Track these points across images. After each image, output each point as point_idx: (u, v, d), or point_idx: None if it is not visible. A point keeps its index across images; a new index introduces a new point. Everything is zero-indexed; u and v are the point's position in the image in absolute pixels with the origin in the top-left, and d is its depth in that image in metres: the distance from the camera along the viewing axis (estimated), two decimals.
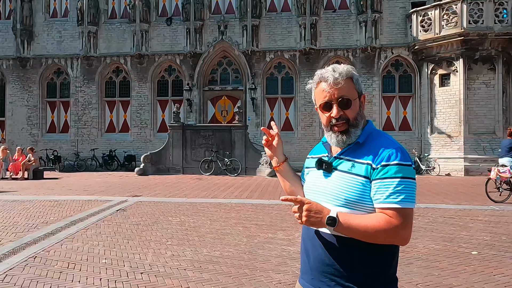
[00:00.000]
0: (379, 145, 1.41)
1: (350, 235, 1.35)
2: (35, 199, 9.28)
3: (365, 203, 1.37)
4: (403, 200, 1.32)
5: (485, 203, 8.65)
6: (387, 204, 1.32)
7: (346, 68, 1.46)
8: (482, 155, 15.79)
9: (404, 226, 1.32)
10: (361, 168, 1.39)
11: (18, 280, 3.91)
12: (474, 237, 5.64)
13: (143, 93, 19.46)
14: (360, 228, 1.32)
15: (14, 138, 19.67)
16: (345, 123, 1.44)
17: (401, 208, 1.32)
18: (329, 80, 1.44)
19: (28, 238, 5.53)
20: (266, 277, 3.98)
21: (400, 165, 1.35)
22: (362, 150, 1.43)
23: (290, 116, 18.95)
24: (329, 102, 1.45)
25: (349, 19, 18.59)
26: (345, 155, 1.45)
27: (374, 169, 1.36)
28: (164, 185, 12.24)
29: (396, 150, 1.37)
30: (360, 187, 1.37)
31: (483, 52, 15.97)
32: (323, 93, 1.46)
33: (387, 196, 1.33)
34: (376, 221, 1.32)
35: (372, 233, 1.32)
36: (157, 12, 19.58)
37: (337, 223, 1.32)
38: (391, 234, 1.32)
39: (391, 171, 1.34)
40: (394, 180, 1.33)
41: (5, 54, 19.95)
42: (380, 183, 1.35)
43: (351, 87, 1.45)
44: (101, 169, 18.27)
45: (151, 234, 5.77)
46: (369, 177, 1.37)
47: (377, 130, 1.50)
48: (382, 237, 1.33)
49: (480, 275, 4.06)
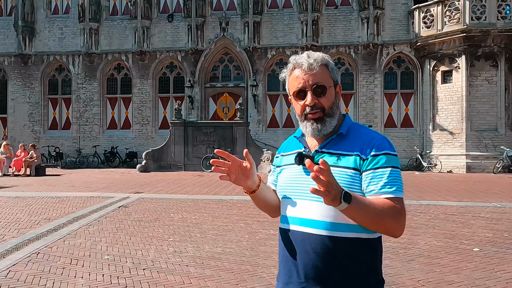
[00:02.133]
0: (364, 136, 1.37)
1: (357, 217, 1.25)
2: (37, 195, 9.31)
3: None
4: (397, 190, 1.30)
5: (487, 200, 8.64)
6: (383, 195, 1.29)
7: (321, 55, 1.41)
8: (484, 152, 15.76)
9: (403, 214, 1.29)
10: (348, 160, 1.34)
11: (21, 276, 3.94)
12: (476, 234, 5.64)
13: (144, 90, 19.46)
14: (370, 210, 1.24)
15: (16, 135, 19.70)
16: (320, 111, 1.37)
17: (396, 197, 1.29)
18: (304, 66, 1.37)
19: (31, 234, 5.56)
20: (268, 273, 4.00)
21: (390, 154, 1.33)
22: (346, 142, 1.38)
23: (292, 113, 18.92)
24: (303, 89, 1.38)
25: (351, 16, 18.52)
26: (328, 148, 1.39)
27: (364, 160, 1.32)
28: (166, 181, 12.26)
29: (383, 140, 1.35)
30: (348, 180, 1.31)
31: (486, 49, 15.89)
32: (297, 79, 1.39)
33: (382, 186, 1.29)
34: (382, 204, 1.27)
35: (381, 216, 1.25)
36: (159, 9, 19.54)
37: (352, 199, 1.20)
38: (396, 219, 1.28)
39: (381, 161, 1.31)
40: (385, 169, 1.30)
41: (7, 51, 19.95)
42: (373, 173, 1.31)
43: (326, 74, 1.39)
44: (103, 166, 18.31)
45: (153, 231, 5.79)
46: (358, 168, 1.32)
47: (356, 123, 1.46)
48: (389, 222, 1.27)
49: (482, 271, 4.06)
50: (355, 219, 1.27)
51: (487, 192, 9.96)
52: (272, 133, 18.61)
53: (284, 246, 1.42)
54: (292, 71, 1.42)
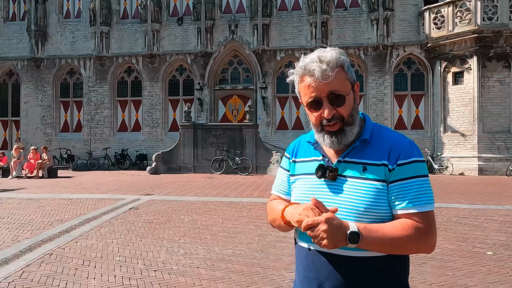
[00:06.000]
0: (388, 140, 1.23)
1: (373, 249, 1.16)
2: (49, 197, 9.43)
3: (381, 210, 1.19)
4: (426, 203, 1.18)
5: (500, 203, 8.51)
6: (410, 209, 1.17)
7: (334, 55, 1.20)
8: (496, 154, 15.54)
9: (432, 231, 1.18)
10: (376, 170, 1.20)
11: (35, 276, 3.99)
12: (489, 237, 5.56)
13: (154, 92, 19.61)
14: (385, 240, 1.14)
15: (28, 138, 20.00)
16: (339, 122, 1.21)
17: (425, 212, 1.18)
18: (316, 74, 1.18)
19: (44, 236, 5.63)
20: (278, 276, 3.99)
21: (417, 162, 1.20)
22: (371, 149, 1.23)
23: (301, 115, 18.89)
24: (318, 99, 1.20)
25: (360, 17, 18.45)
26: (351, 156, 1.23)
27: (391, 170, 1.19)
28: (176, 184, 12.32)
29: (410, 146, 1.21)
30: (374, 193, 1.18)
31: (498, 50, 15.69)
32: (309, 88, 1.21)
33: (408, 201, 1.17)
34: (401, 229, 1.15)
35: (400, 244, 1.15)
36: (168, 12, 19.70)
37: (360, 238, 1.12)
38: (421, 241, 1.16)
39: (409, 170, 1.18)
40: (413, 180, 1.18)
41: (20, 55, 20.29)
42: (400, 185, 1.18)
43: (342, 78, 1.20)
44: (113, 168, 18.47)
45: (163, 232, 5.82)
46: (385, 180, 1.19)
47: (376, 124, 1.31)
48: (410, 246, 1.17)
49: (496, 275, 4.00)
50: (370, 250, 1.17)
51: (500, 195, 9.81)
52: (281, 135, 18.59)
53: (304, 267, 1.28)
54: (302, 78, 1.23)
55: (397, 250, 1.18)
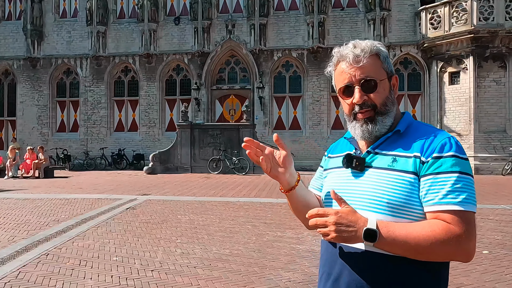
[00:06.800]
0: (426, 133, 1.13)
1: (394, 252, 1.04)
2: (46, 197, 9.40)
3: (413, 207, 1.07)
4: (465, 201, 1.03)
5: (496, 202, 8.56)
6: (444, 206, 1.03)
7: (370, 43, 1.18)
8: (492, 153, 15.62)
9: (468, 236, 1.01)
10: (406, 162, 1.10)
11: (31, 276, 3.98)
12: (485, 236, 5.59)
13: (151, 92, 19.57)
14: (409, 241, 1.01)
15: (24, 138, 19.92)
16: (371, 110, 1.16)
17: (463, 211, 1.02)
18: (349, 58, 1.16)
19: (40, 236, 5.61)
20: (275, 275, 4.00)
21: (457, 157, 1.06)
22: (404, 141, 1.14)
23: (298, 115, 18.91)
24: (350, 85, 1.17)
25: (357, 17, 18.49)
26: (382, 148, 1.16)
27: (424, 162, 1.07)
28: (173, 183, 12.30)
29: (449, 139, 1.10)
30: (407, 187, 1.07)
31: (494, 50, 15.77)
32: (342, 74, 1.18)
33: (443, 195, 1.03)
34: (430, 230, 1.01)
35: (426, 247, 1.01)
36: (165, 12, 19.66)
37: (378, 237, 1.02)
38: (452, 246, 1.01)
39: (446, 164, 1.05)
40: (451, 175, 1.04)
41: (16, 54, 20.20)
42: (433, 179, 1.05)
43: (377, 65, 1.17)
44: (110, 168, 18.43)
45: (160, 232, 5.81)
46: (417, 173, 1.08)
47: (418, 121, 1.23)
48: (439, 252, 1.02)
49: (491, 274, 4.03)
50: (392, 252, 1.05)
51: (496, 194, 9.87)
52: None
53: (324, 261, 1.21)
54: (337, 65, 1.21)
55: (424, 255, 1.03)
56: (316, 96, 18.33)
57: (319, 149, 17.52)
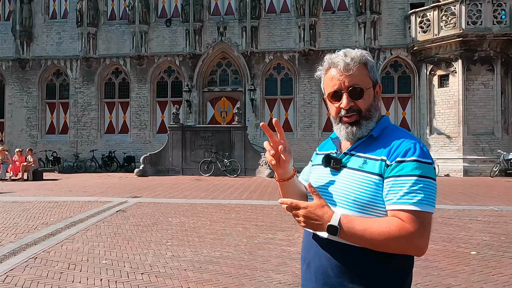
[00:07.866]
0: (395, 139, 1.24)
1: (356, 243, 1.19)
2: (35, 200, 9.28)
3: (378, 205, 1.20)
4: (420, 202, 1.14)
5: (484, 204, 8.67)
6: (400, 205, 1.15)
7: (359, 53, 1.29)
8: (481, 155, 15.83)
9: (420, 233, 1.13)
10: (374, 165, 1.22)
11: (18, 280, 3.92)
12: (473, 237, 5.66)
13: (142, 94, 19.48)
14: (366, 236, 1.15)
15: (13, 139, 19.65)
16: (356, 114, 1.28)
17: (417, 211, 1.13)
18: (339, 66, 1.27)
19: (29, 239, 5.54)
20: (266, 277, 4.00)
21: (418, 161, 1.17)
22: (375, 145, 1.26)
23: (290, 117, 18.97)
24: (339, 91, 1.28)
25: (348, 20, 18.63)
26: (357, 150, 1.28)
27: (388, 165, 1.19)
28: (164, 186, 12.24)
29: (414, 145, 1.20)
30: (372, 187, 1.20)
31: (482, 53, 16.02)
32: (332, 80, 1.29)
33: (401, 196, 1.15)
34: (385, 226, 1.14)
35: (381, 241, 1.14)
36: (157, 13, 19.61)
37: (339, 231, 1.16)
38: (404, 242, 1.14)
39: (407, 168, 1.16)
40: (410, 178, 1.15)
41: (4, 55, 19.95)
42: (394, 181, 1.17)
43: (364, 74, 1.28)
44: (100, 170, 18.27)
45: (151, 235, 5.78)
46: (382, 174, 1.20)
47: (393, 125, 1.34)
48: (392, 246, 1.15)
49: (479, 275, 4.08)
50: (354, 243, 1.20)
51: (485, 196, 10.00)
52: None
53: (302, 247, 1.38)
54: (327, 71, 1.32)
55: (379, 247, 1.16)
56: (308, 98, 18.41)
57: (310, 151, 17.55)
